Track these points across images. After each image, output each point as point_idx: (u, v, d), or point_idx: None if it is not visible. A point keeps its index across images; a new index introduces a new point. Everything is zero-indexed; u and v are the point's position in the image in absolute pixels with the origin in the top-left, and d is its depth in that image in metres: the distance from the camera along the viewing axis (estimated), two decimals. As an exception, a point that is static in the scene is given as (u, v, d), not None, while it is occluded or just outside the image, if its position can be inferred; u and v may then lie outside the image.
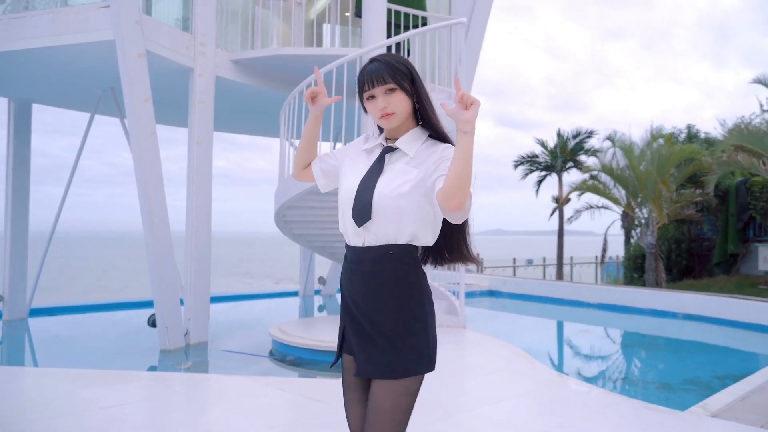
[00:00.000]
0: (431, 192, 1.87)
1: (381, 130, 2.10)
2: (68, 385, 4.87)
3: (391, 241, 1.92)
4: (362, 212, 1.91)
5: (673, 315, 10.37)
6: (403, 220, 1.91)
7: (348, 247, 2.03)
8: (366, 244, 1.95)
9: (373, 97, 1.96)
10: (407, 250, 1.94)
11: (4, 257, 9.36)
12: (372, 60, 1.98)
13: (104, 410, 4.22)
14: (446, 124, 2.10)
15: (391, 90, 1.94)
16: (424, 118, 2.01)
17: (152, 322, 7.46)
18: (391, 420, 1.91)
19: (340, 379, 2.17)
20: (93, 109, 9.19)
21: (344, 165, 2.10)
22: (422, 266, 2.06)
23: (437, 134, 2.01)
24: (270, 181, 7.96)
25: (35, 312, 9.73)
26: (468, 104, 1.75)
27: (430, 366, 1.97)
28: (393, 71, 1.93)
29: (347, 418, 2.08)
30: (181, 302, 7.74)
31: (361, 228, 1.93)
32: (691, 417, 4.22)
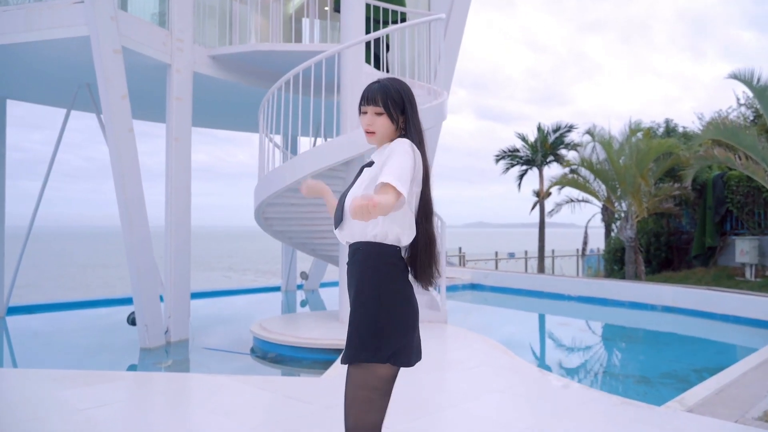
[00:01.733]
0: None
1: None
2: (44, 387, 4.81)
3: (359, 239, 2.17)
4: (337, 216, 2.24)
5: (651, 307, 10.50)
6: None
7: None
8: (346, 241, 2.25)
9: (365, 113, 2.25)
10: (374, 248, 2.15)
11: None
12: (377, 81, 2.26)
13: (81, 412, 4.18)
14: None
15: (379, 113, 2.22)
16: (408, 138, 2.23)
17: (132, 320, 7.40)
18: (351, 408, 2.10)
19: (320, 378, 2.35)
20: (69, 105, 9.07)
21: None
22: (395, 267, 2.16)
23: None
24: (252, 176, 7.91)
25: (13, 310, 9.60)
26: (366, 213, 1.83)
27: (374, 357, 2.08)
28: (386, 98, 2.21)
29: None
30: (161, 299, 7.69)
31: (337, 229, 2.25)
32: (668, 412, 4.28)
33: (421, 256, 2.25)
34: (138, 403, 4.73)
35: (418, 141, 2.22)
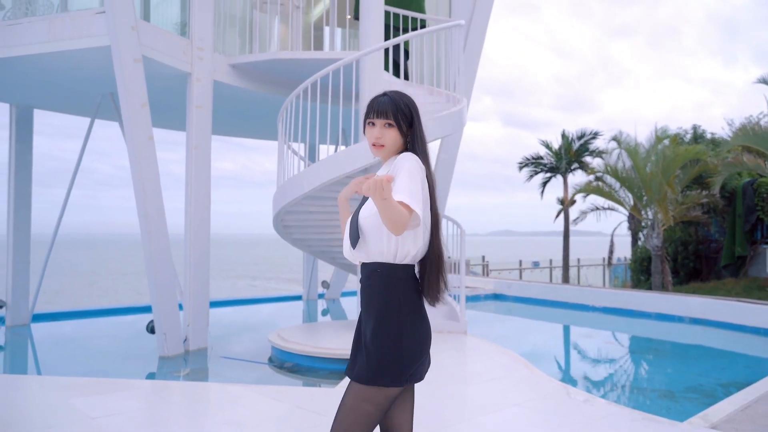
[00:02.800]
0: None
1: None
2: (58, 394, 4.82)
3: (374, 259, 2.13)
4: (353, 236, 2.17)
5: (679, 319, 10.25)
6: (381, 235, 2.09)
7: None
8: (360, 261, 2.21)
9: (373, 124, 2.21)
10: (391, 270, 2.12)
11: (6, 263, 9.35)
12: (384, 93, 2.25)
13: (93, 420, 4.17)
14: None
15: (389, 125, 2.18)
16: (413, 152, 2.21)
17: (151, 329, 7.42)
18: (347, 417, 2.08)
19: (333, 389, 2.33)
20: (93, 114, 9.17)
21: None
22: (412, 289, 2.16)
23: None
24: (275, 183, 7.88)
25: (37, 317, 9.72)
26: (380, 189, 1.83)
27: (394, 382, 2.08)
28: (396, 110, 2.19)
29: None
30: (180, 307, 7.70)
31: (353, 250, 2.20)
32: (690, 429, 4.12)
33: (429, 271, 2.20)
34: (151, 413, 4.71)
35: (423, 154, 2.20)
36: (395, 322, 2.08)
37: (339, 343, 6.97)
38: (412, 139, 2.22)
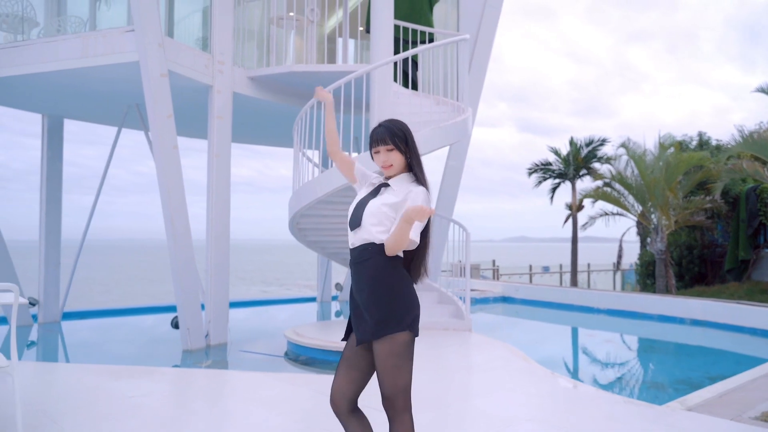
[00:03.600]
0: (397, 214, 2.59)
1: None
2: (97, 378, 5.34)
3: (369, 240, 2.58)
4: (354, 219, 2.64)
5: (680, 320, 10.59)
6: (378, 226, 2.57)
7: (349, 251, 2.71)
8: (355, 244, 2.64)
9: (378, 152, 2.68)
10: (381, 247, 2.57)
11: (39, 264, 9.94)
12: (379, 125, 2.72)
13: (130, 399, 4.68)
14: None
15: (390, 149, 2.65)
16: (412, 167, 2.71)
17: (175, 324, 7.94)
18: (388, 374, 2.48)
19: None
20: (120, 123, 9.73)
21: (360, 187, 2.84)
22: (398, 260, 2.63)
23: (418, 179, 2.70)
24: (291, 189, 8.39)
25: (68, 315, 10.30)
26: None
27: (399, 327, 2.50)
28: (393, 136, 2.66)
29: (333, 380, 2.66)
30: (202, 307, 8.21)
31: (352, 231, 2.64)
32: (667, 410, 4.54)
33: (417, 256, 2.69)
34: (179, 394, 5.21)
35: (419, 165, 2.71)
36: (388, 282, 2.53)
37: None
38: (411, 154, 2.69)
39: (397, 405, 2.49)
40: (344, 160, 2.86)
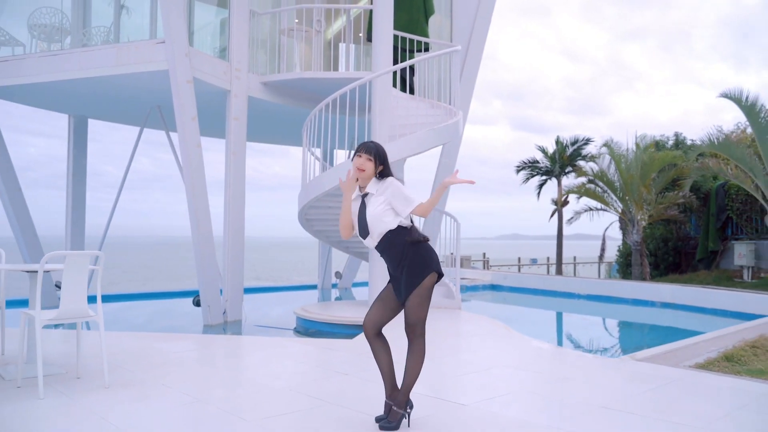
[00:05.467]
0: (393, 206, 3.51)
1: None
2: (144, 342, 6.33)
3: (384, 233, 3.53)
4: (363, 231, 3.57)
5: (651, 303, 11.65)
6: (383, 221, 3.52)
7: (374, 249, 3.63)
8: (377, 242, 3.57)
9: (360, 156, 3.54)
10: (399, 229, 3.54)
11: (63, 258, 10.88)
12: (370, 141, 3.62)
13: (174, 354, 5.68)
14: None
15: (369, 160, 3.53)
16: (384, 174, 3.57)
17: (197, 302, 8.93)
18: (415, 310, 3.46)
19: (351, 341, 4.37)
20: (142, 123, 10.68)
21: (353, 208, 3.64)
22: (413, 233, 3.59)
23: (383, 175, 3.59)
24: (287, 187, 9.41)
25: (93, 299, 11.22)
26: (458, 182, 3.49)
27: (427, 272, 3.48)
28: (377, 153, 3.55)
29: (369, 311, 3.61)
30: (221, 292, 9.19)
31: (367, 238, 3.59)
32: (620, 361, 5.57)
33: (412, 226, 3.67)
34: (211, 350, 6.21)
35: (389, 171, 3.60)
36: (419, 245, 3.51)
37: (353, 313, 8.43)
38: (384, 169, 3.54)
39: (417, 330, 3.49)
40: (352, 229, 3.70)
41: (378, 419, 3.54)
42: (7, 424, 3.55)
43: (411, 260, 3.46)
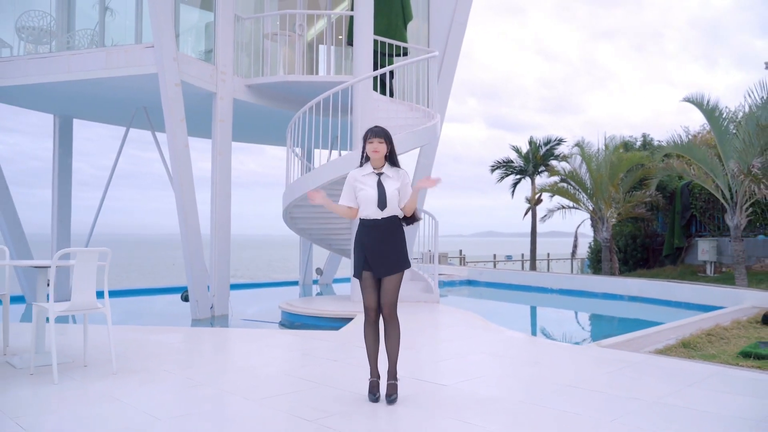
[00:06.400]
0: (401, 194, 4.08)
1: (364, 162, 4.17)
2: (139, 335, 6.64)
3: (393, 213, 4.00)
4: (382, 203, 4.03)
5: (620, 297, 12.21)
6: (394, 204, 4.04)
7: (367, 220, 4.04)
8: (383, 216, 4.04)
9: (372, 142, 4.05)
10: (395, 217, 4.07)
11: (51, 255, 11.08)
12: (376, 126, 4.14)
13: (169, 344, 6.02)
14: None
15: (381, 142, 4.06)
16: (392, 159, 4.14)
17: (185, 297, 9.24)
18: (396, 291, 4.03)
19: (337, 332, 5.14)
20: (128, 123, 10.92)
21: (358, 183, 4.09)
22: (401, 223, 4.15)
23: (397, 166, 4.19)
24: (263, 185, 9.82)
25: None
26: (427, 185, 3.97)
27: (406, 266, 4.05)
28: (385, 135, 4.09)
29: (365, 299, 4.06)
30: (208, 288, 9.49)
31: (380, 209, 4.03)
32: (585, 347, 6.04)
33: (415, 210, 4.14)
34: (200, 340, 6.55)
35: (395, 156, 4.14)
36: (402, 237, 4.08)
37: (336, 307, 8.80)
38: (391, 150, 4.13)
39: (394, 310, 4.00)
40: (354, 210, 4.16)
41: (376, 398, 3.97)
42: (29, 406, 3.88)
43: (400, 244, 4.05)
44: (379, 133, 4.05)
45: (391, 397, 3.94)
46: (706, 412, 3.79)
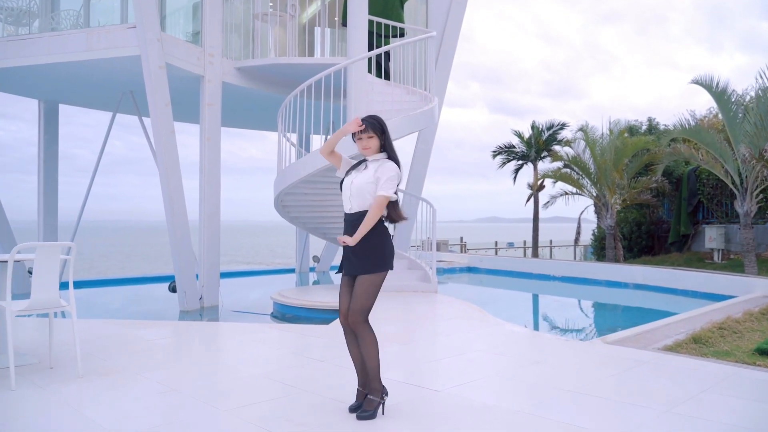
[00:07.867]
0: (377, 182, 3.55)
1: None
2: (123, 329, 6.30)
3: (362, 209, 3.54)
4: (345, 197, 3.62)
5: (624, 285, 11.86)
6: (360, 199, 3.56)
7: (345, 213, 3.64)
8: (353, 211, 3.58)
9: (360, 139, 3.59)
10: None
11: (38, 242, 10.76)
12: (366, 117, 3.62)
13: (152, 341, 5.68)
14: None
15: (370, 137, 3.58)
16: (386, 150, 3.65)
17: (173, 288, 8.89)
18: (363, 296, 3.48)
19: (328, 326, 4.26)
20: (114, 109, 10.53)
21: (344, 164, 3.75)
22: (381, 221, 3.64)
23: (390, 156, 3.66)
24: (263, 170, 9.40)
25: (76, 284, 11.12)
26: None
27: (383, 268, 3.53)
28: (373, 128, 3.58)
29: (339, 302, 3.62)
30: (197, 277, 9.15)
31: (345, 201, 3.63)
32: (590, 344, 5.69)
33: (394, 206, 3.66)
34: (188, 336, 6.22)
35: (391, 149, 3.66)
36: (375, 239, 3.54)
37: (330, 298, 8.46)
38: (386, 139, 3.66)
39: (358, 317, 3.48)
40: (335, 155, 3.79)
41: (352, 408, 3.57)
42: (-22, 417, 3.54)
43: (367, 243, 3.51)
44: (366, 128, 3.58)
45: (360, 412, 3.48)
46: (723, 424, 3.43)
